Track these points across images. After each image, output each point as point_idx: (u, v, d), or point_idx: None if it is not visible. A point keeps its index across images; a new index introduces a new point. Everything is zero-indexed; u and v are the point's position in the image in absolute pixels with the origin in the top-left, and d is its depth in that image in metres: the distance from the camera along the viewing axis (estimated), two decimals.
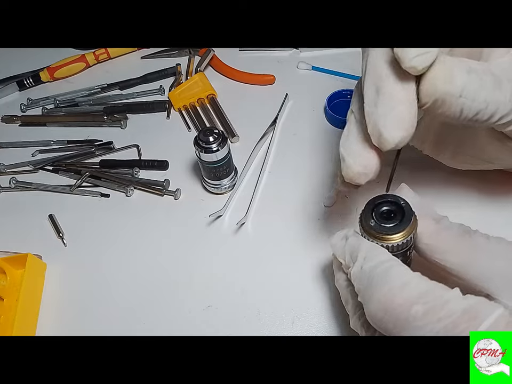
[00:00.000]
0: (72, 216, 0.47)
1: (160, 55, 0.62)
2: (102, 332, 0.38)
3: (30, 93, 0.60)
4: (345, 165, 0.27)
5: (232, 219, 0.43)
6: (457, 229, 0.28)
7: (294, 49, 0.59)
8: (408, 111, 0.25)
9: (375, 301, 0.24)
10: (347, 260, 0.28)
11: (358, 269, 0.27)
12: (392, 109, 0.25)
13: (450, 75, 0.25)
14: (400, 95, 0.25)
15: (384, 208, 0.28)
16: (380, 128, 0.25)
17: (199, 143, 0.41)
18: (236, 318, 0.38)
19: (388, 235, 0.27)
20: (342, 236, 0.30)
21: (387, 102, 0.25)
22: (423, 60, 0.24)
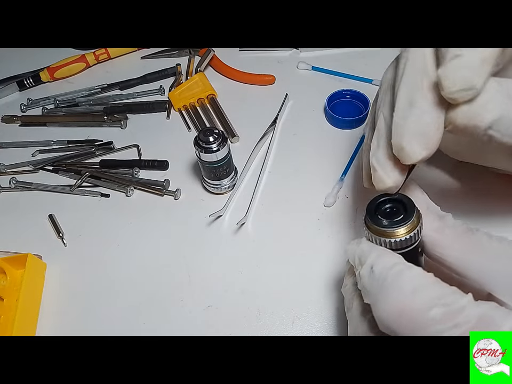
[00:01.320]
0: (72, 216, 0.47)
1: (160, 55, 0.62)
2: (102, 331, 0.38)
3: (30, 93, 0.60)
4: (378, 177, 0.28)
5: (232, 219, 0.43)
6: (460, 226, 0.28)
7: (294, 49, 0.59)
8: (434, 132, 0.26)
9: (390, 304, 0.24)
10: (356, 263, 0.28)
11: (367, 270, 0.26)
12: (420, 127, 0.25)
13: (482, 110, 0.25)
14: (431, 116, 0.25)
15: (387, 205, 0.29)
16: (404, 143, 0.26)
17: (199, 143, 0.41)
18: (236, 318, 0.38)
19: (393, 230, 0.27)
20: (356, 241, 0.30)
21: (417, 119, 0.26)
22: (465, 95, 0.24)
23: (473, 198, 0.41)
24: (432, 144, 0.26)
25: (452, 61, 0.24)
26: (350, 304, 0.30)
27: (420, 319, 0.23)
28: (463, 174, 0.40)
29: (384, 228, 0.27)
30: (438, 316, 0.22)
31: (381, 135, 0.28)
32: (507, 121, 0.25)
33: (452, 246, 0.27)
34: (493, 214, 0.40)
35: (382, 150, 0.28)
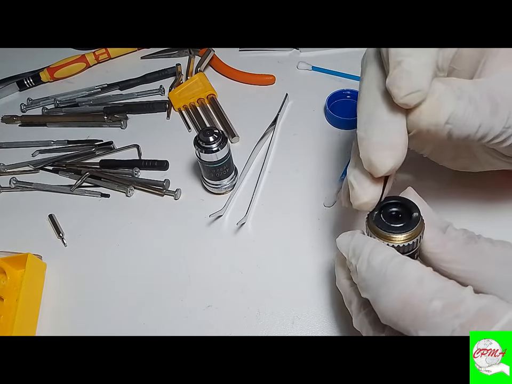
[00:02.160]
0: (72, 216, 0.47)
1: (160, 55, 0.62)
2: (102, 331, 0.38)
3: (30, 93, 0.60)
4: (355, 194, 0.28)
5: (232, 219, 0.43)
6: (462, 236, 0.28)
7: (294, 49, 0.59)
8: (398, 140, 0.26)
9: (391, 297, 0.24)
10: (350, 255, 0.28)
11: (364, 265, 0.26)
12: (383, 137, 0.26)
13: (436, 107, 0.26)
14: (391, 124, 0.26)
15: (392, 209, 0.29)
16: (370, 155, 0.26)
17: (199, 143, 0.41)
18: (236, 318, 0.38)
19: (393, 235, 0.27)
20: (348, 233, 0.30)
21: (378, 130, 0.26)
22: (414, 97, 0.25)
23: (474, 199, 0.41)
24: (398, 152, 0.26)
25: (395, 69, 0.25)
26: (351, 298, 0.30)
27: (422, 311, 0.23)
28: (464, 175, 0.40)
29: (385, 230, 0.27)
30: (439, 307, 0.23)
31: (355, 153, 0.29)
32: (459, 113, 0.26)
33: (456, 260, 0.27)
34: (495, 215, 0.40)
35: (357, 167, 0.28)
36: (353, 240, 0.28)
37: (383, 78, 0.27)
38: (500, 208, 0.40)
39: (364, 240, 0.27)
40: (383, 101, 0.27)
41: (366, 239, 0.27)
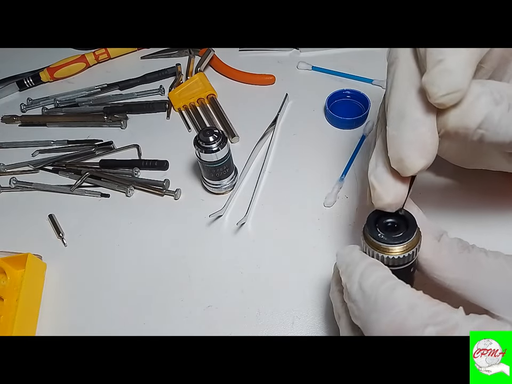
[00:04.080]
0: (72, 216, 0.47)
1: (160, 55, 0.62)
2: (102, 332, 0.38)
3: (30, 93, 0.60)
4: (377, 195, 0.27)
5: (232, 219, 0.43)
6: (456, 245, 0.28)
7: (294, 49, 0.59)
8: (430, 140, 0.25)
9: (383, 325, 0.24)
10: (341, 271, 0.28)
11: (356, 287, 0.26)
12: (415, 136, 0.25)
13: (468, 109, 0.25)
14: (424, 123, 0.25)
15: (389, 220, 0.28)
16: (402, 154, 0.25)
17: (199, 143, 0.41)
18: (236, 318, 0.38)
19: (389, 246, 0.27)
20: (349, 248, 0.29)
21: (411, 129, 0.25)
22: (452, 98, 0.24)
23: (474, 198, 0.41)
24: (430, 152, 0.26)
25: (434, 67, 0.24)
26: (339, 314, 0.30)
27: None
28: (463, 175, 0.40)
29: (380, 242, 0.27)
30: (433, 334, 0.22)
31: (378, 152, 0.28)
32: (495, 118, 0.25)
33: (449, 268, 0.27)
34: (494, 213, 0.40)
35: (380, 167, 0.28)
36: (349, 256, 0.28)
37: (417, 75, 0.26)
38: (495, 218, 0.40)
39: (358, 258, 0.27)
40: (417, 98, 0.26)
41: (360, 258, 0.27)
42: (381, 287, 0.24)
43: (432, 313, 0.23)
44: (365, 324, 0.25)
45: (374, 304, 0.24)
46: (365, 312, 0.25)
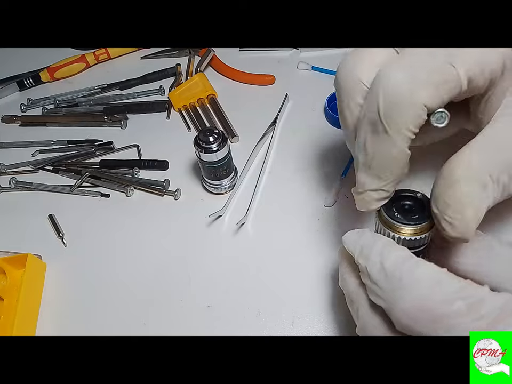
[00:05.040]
0: (72, 216, 0.47)
1: (160, 55, 0.62)
2: (102, 331, 0.38)
3: (30, 93, 0.60)
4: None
5: (232, 219, 0.43)
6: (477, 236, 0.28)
7: (294, 49, 0.59)
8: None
9: (409, 301, 0.23)
10: (357, 254, 0.27)
11: (377, 267, 0.25)
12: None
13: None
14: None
15: (407, 202, 0.28)
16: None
17: (199, 143, 0.41)
18: (236, 318, 0.38)
19: (401, 226, 0.27)
20: (357, 231, 0.29)
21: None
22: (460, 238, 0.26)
23: None
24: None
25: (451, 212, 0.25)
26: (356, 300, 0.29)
27: (443, 313, 0.22)
28: None
29: (394, 220, 0.27)
30: (463, 308, 0.22)
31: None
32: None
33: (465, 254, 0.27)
34: None
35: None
36: (361, 238, 0.28)
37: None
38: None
39: (373, 239, 0.27)
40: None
41: (376, 239, 0.27)
42: (405, 264, 0.24)
43: (458, 288, 0.23)
44: (389, 303, 0.24)
45: (399, 281, 0.24)
46: (389, 291, 0.24)
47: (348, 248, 0.29)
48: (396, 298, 0.24)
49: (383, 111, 0.25)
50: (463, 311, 0.22)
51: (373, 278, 0.26)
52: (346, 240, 0.29)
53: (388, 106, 0.24)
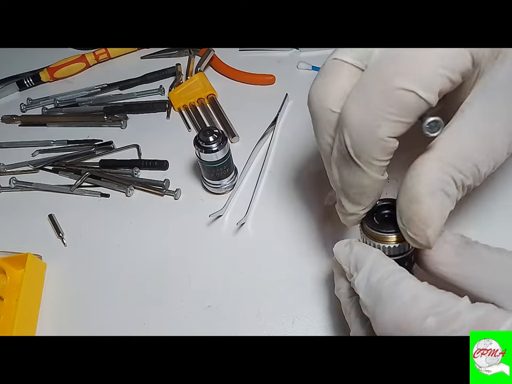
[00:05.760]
0: (72, 216, 0.47)
1: (160, 55, 0.62)
2: (102, 332, 0.38)
3: (30, 93, 0.60)
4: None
5: (232, 219, 0.43)
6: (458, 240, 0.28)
7: (294, 49, 0.59)
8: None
9: (386, 317, 0.24)
10: (351, 269, 0.28)
11: (364, 281, 0.26)
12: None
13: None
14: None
15: (387, 211, 0.29)
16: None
17: (199, 143, 0.41)
18: (236, 318, 0.38)
19: (384, 234, 0.27)
20: (345, 243, 0.30)
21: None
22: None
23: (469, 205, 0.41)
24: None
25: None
26: (348, 309, 0.30)
27: (416, 329, 0.23)
28: None
29: (377, 231, 0.27)
30: (433, 324, 0.22)
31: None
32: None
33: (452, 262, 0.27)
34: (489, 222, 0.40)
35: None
36: (353, 252, 0.28)
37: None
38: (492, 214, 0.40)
39: (365, 252, 0.27)
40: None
41: (367, 252, 0.27)
42: (386, 281, 0.25)
43: (433, 303, 0.23)
44: (372, 317, 0.25)
45: (379, 297, 0.24)
46: (371, 305, 0.25)
47: (339, 261, 0.30)
48: (376, 313, 0.25)
49: (351, 148, 0.25)
50: (433, 327, 0.22)
51: (361, 292, 0.26)
52: (338, 253, 0.30)
53: (354, 143, 0.25)
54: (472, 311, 0.22)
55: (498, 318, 0.22)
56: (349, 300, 0.30)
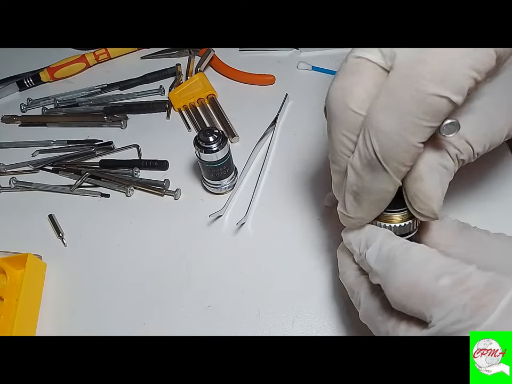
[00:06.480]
0: (72, 216, 0.47)
1: (160, 55, 0.62)
2: (102, 332, 0.38)
3: (30, 93, 0.60)
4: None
5: (232, 219, 0.43)
6: (457, 225, 0.29)
7: (294, 49, 0.59)
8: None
9: (400, 279, 0.24)
10: (362, 247, 0.28)
11: (375, 253, 0.27)
12: None
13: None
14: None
15: None
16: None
17: (199, 143, 0.41)
18: (236, 318, 0.38)
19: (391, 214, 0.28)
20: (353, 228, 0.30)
21: None
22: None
23: (470, 194, 0.41)
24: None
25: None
26: (356, 289, 0.30)
27: (430, 288, 0.23)
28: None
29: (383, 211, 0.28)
30: (448, 283, 0.23)
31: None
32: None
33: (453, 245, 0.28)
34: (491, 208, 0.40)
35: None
36: (363, 231, 0.29)
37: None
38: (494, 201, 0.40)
39: (375, 231, 0.28)
40: None
41: (377, 231, 0.28)
42: (399, 248, 0.26)
43: (446, 264, 0.24)
44: (385, 283, 0.26)
45: (392, 262, 0.25)
46: (385, 271, 0.26)
47: (347, 242, 0.30)
48: (389, 277, 0.25)
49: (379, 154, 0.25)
50: (448, 285, 0.23)
51: (370, 262, 0.27)
52: (347, 236, 0.31)
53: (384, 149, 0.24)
54: (482, 273, 0.23)
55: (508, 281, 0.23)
56: (357, 280, 0.30)
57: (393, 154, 0.24)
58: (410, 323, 0.25)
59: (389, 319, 0.27)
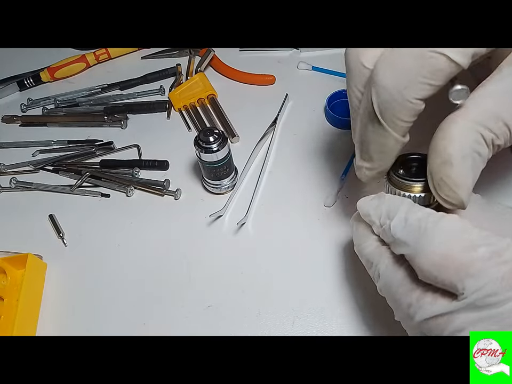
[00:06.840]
0: (72, 216, 0.47)
1: (161, 55, 0.62)
2: (102, 332, 0.38)
3: (31, 93, 0.60)
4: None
5: (232, 219, 0.43)
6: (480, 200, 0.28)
7: (294, 49, 0.59)
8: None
9: (432, 249, 0.24)
10: (383, 218, 0.28)
11: (401, 223, 0.26)
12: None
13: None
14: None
15: (414, 163, 0.29)
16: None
17: (199, 143, 0.41)
18: (236, 318, 0.38)
19: (411, 183, 0.28)
20: (371, 197, 0.30)
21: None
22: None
23: None
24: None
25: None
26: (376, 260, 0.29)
27: (466, 259, 0.23)
28: None
29: (403, 179, 0.28)
30: (486, 254, 0.22)
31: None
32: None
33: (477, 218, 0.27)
34: None
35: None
36: (385, 201, 0.28)
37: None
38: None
39: (398, 202, 0.27)
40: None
41: (400, 201, 0.27)
42: (430, 217, 0.25)
43: (482, 236, 0.23)
44: (414, 253, 0.25)
45: (424, 231, 0.24)
46: (414, 241, 0.25)
47: (365, 213, 0.30)
48: (420, 246, 0.24)
49: (377, 108, 0.25)
50: (486, 256, 0.22)
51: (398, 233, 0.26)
52: (364, 207, 0.30)
53: (381, 102, 0.25)
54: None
55: None
56: (376, 251, 0.29)
57: (388, 108, 0.25)
58: (436, 295, 0.24)
59: (413, 290, 0.26)
